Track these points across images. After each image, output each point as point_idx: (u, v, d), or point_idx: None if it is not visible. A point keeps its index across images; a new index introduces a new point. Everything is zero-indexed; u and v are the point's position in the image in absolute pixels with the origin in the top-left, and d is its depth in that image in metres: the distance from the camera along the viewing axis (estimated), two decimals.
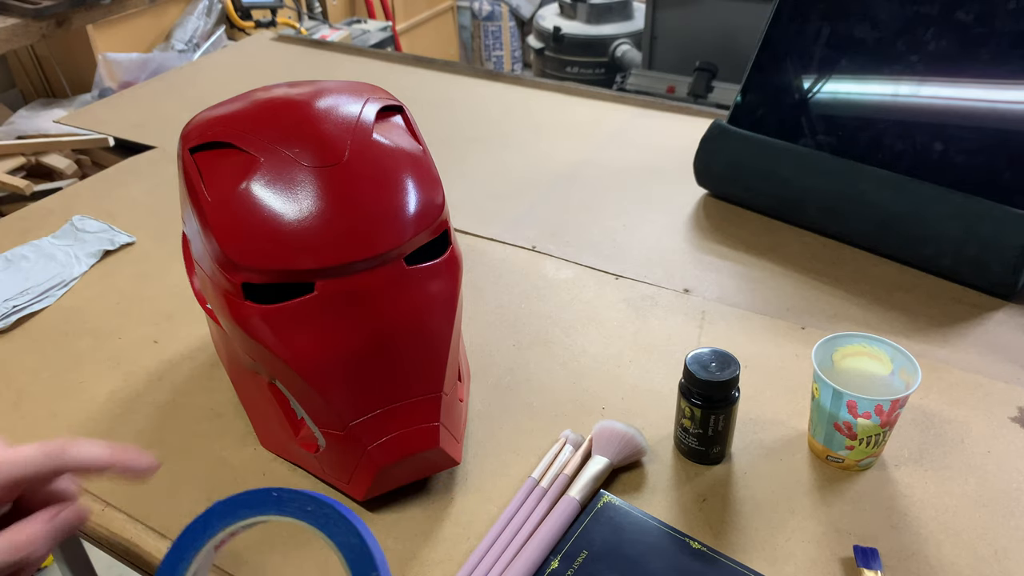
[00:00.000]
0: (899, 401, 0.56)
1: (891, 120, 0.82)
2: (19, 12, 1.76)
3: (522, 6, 3.27)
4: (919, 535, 0.56)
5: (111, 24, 2.10)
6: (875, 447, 0.60)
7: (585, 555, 0.54)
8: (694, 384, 0.59)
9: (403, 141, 0.61)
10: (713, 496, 0.60)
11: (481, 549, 0.56)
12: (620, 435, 0.62)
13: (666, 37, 2.36)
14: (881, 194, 0.81)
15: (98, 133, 1.26)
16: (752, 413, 0.66)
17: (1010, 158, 0.76)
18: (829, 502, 0.59)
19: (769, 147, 0.88)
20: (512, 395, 0.70)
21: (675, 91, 2.19)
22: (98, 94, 2.04)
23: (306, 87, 0.63)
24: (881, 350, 0.60)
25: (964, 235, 0.76)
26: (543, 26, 2.79)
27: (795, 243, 0.87)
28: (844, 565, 0.55)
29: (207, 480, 0.63)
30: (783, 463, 0.62)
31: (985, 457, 0.62)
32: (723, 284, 0.82)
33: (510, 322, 0.78)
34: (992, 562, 0.54)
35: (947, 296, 0.79)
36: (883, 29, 0.83)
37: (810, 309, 0.78)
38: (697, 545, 0.55)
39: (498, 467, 0.63)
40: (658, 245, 0.88)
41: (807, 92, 0.88)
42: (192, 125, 0.60)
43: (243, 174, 0.56)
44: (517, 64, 3.44)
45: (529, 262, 0.87)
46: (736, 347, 0.73)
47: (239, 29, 2.41)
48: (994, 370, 0.70)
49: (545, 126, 1.15)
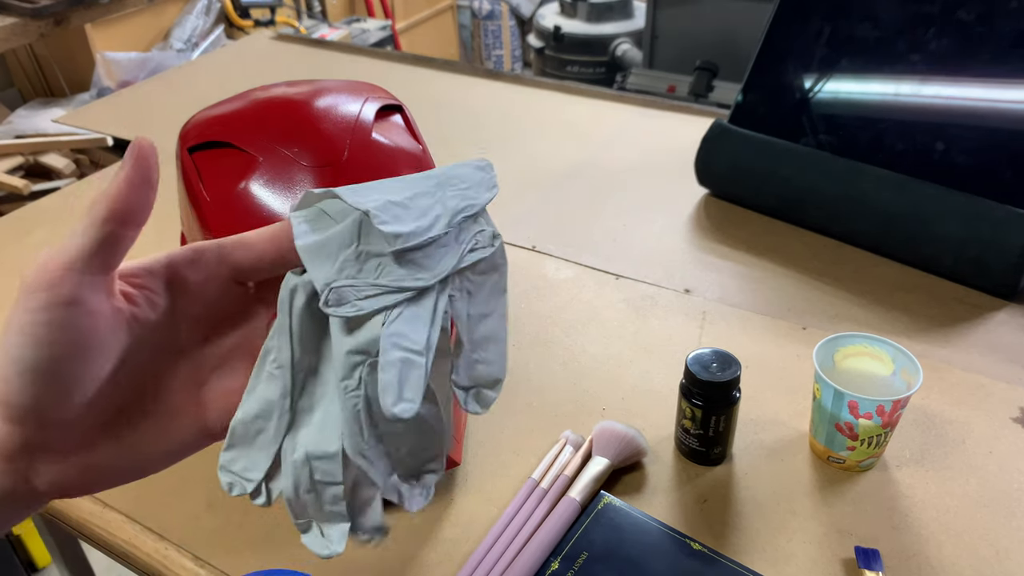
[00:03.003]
0: (900, 402, 0.56)
1: (892, 120, 0.82)
2: (17, 11, 1.76)
3: (522, 5, 3.26)
4: (920, 536, 0.56)
5: (110, 23, 2.10)
6: (876, 448, 0.59)
7: (585, 556, 0.54)
8: (695, 384, 0.59)
9: (403, 141, 0.61)
10: (714, 497, 0.60)
11: (481, 550, 0.55)
12: (620, 436, 0.61)
13: (667, 36, 2.36)
14: (882, 194, 0.80)
15: (96, 133, 1.26)
16: (753, 414, 0.66)
17: (1011, 158, 0.76)
18: (830, 503, 0.59)
19: (770, 147, 0.88)
20: (512, 395, 0.69)
21: (676, 90, 2.19)
22: (96, 93, 2.03)
23: (305, 86, 0.63)
24: (882, 350, 0.60)
25: (965, 235, 0.76)
26: (543, 25, 2.79)
27: (796, 243, 0.87)
28: (845, 566, 0.54)
29: (206, 481, 0.62)
30: (784, 464, 0.62)
31: (986, 457, 0.62)
32: (724, 284, 0.82)
33: (510, 322, 0.78)
34: (993, 563, 0.54)
35: (948, 296, 0.78)
36: (884, 29, 0.83)
37: (811, 309, 0.78)
38: (698, 546, 0.55)
39: (498, 468, 0.63)
40: (659, 245, 0.88)
41: (808, 92, 0.87)
42: (191, 125, 0.60)
43: (242, 174, 0.56)
44: (517, 63, 3.44)
45: (529, 262, 0.87)
46: (737, 347, 0.73)
47: (238, 28, 2.40)
48: (995, 370, 0.70)
49: (545, 125, 1.15)
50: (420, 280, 0.29)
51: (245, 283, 0.32)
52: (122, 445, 0.30)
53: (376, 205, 0.29)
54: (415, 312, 0.29)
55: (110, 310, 0.28)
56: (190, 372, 0.32)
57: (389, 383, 0.27)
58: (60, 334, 0.26)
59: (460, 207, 0.31)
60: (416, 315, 0.29)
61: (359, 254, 0.29)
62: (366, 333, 0.29)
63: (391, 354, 0.28)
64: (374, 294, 0.29)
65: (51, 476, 0.28)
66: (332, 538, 0.31)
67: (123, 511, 0.61)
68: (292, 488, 0.30)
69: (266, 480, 0.30)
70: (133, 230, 0.28)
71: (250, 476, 0.30)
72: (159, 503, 0.61)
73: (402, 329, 0.28)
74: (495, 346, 0.32)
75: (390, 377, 0.27)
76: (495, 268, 0.32)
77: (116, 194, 0.27)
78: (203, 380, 0.32)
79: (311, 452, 0.30)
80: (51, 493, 0.29)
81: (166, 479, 0.62)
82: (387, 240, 0.29)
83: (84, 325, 0.27)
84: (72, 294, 0.26)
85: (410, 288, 0.29)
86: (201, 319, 0.31)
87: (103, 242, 0.27)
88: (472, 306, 0.32)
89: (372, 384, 0.28)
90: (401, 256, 0.29)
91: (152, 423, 0.30)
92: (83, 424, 0.28)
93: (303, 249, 0.29)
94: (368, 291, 0.29)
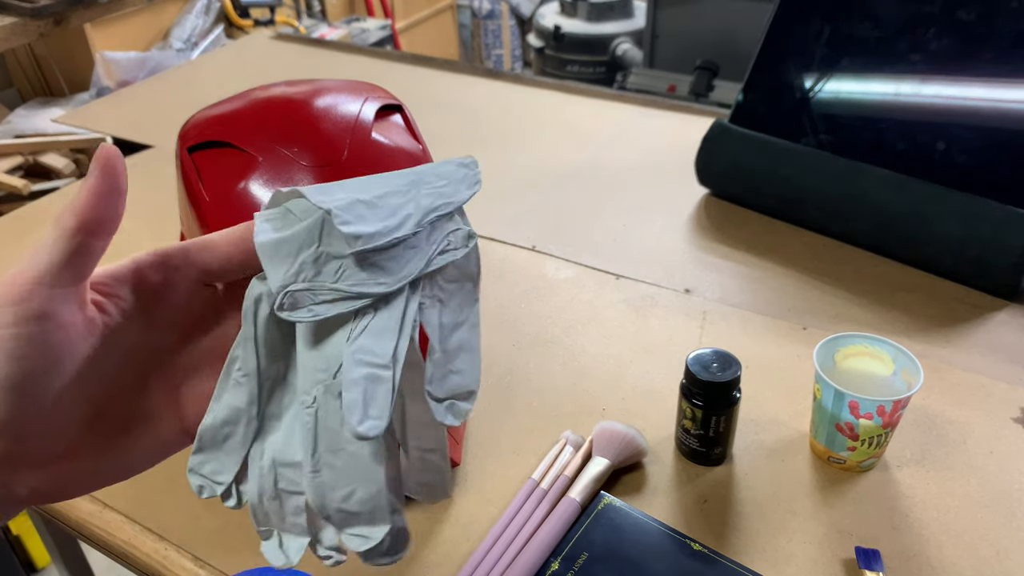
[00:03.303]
0: (901, 402, 0.56)
1: (893, 119, 0.82)
2: (17, 11, 1.76)
3: (522, 4, 3.26)
4: (921, 536, 0.56)
5: (109, 23, 2.10)
6: (877, 448, 0.59)
7: (585, 557, 0.54)
8: (695, 385, 0.59)
9: (402, 140, 0.60)
10: (714, 497, 0.60)
11: (481, 551, 0.55)
12: (621, 436, 0.61)
13: (667, 35, 2.36)
14: (883, 194, 0.80)
15: (96, 132, 1.26)
16: (753, 414, 0.66)
17: (1012, 158, 0.76)
18: (830, 503, 0.59)
19: (771, 146, 0.88)
20: (512, 395, 0.69)
21: (676, 90, 2.19)
22: (96, 93, 2.03)
23: (305, 86, 0.63)
24: (883, 350, 0.60)
25: (966, 235, 0.76)
26: (543, 24, 2.79)
27: (796, 243, 0.87)
28: (846, 566, 0.54)
29: None
30: (784, 464, 0.62)
31: (987, 458, 0.62)
32: (724, 284, 0.82)
33: (510, 322, 0.78)
34: (994, 563, 0.54)
35: (949, 296, 0.78)
36: (885, 28, 0.83)
37: (812, 309, 0.78)
38: (698, 546, 0.55)
39: (498, 468, 0.63)
40: (659, 245, 0.88)
41: (809, 91, 0.87)
42: (190, 124, 0.60)
43: (241, 174, 0.56)
44: (517, 63, 3.44)
45: (529, 262, 0.87)
46: (737, 347, 0.73)
47: (237, 28, 2.40)
48: (996, 370, 0.70)
49: (545, 125, 1.14)
50: (382, 285, 0.28)
51: (214, 285, 0.32)
52: (102, 450, 0.30)
53: (340, 204, 0.27)
54: (381, 322, 0.27)
55: (82, 321, 0.27)
56: (166, 375, 0.31)
57: (354, 402, 0.26)
58: (32, 349, 0.26)
59: (434, 205, 0.29)
60: (383, 326, 0.27)
61: (318, 256, 0.28)
62: (330, 348, 0.27)
63: (355, 372, 0.26)
64: (331, 299, 0.27)
65: (32, 483, 0.28)
66: (289, 550, 0.30)
67: (123, 511, 0.61)
68: (257, 494, 0.29)
69: (236, 483, 0.30)
70: (103, 240, 0.27)
71: (220, 479, 0.30)
72: (159, 503, 0.61)
73: (367, 344, 0.27)
74: (468, 356, 0.31)
75: (355, 396, 0.26)
76: (469, 277, 0.31)
77: (84, 205, 0.27)
78: (180, 382, 0.32)
79: (277, 459, 0.29)
80: (32, 499, 0.29)
81: (166, 480, 0.63)
82: (347, 241, 0.27)
83: (56, 339, 0.26)
84: (42, 308, 0.26)
85: (370, 294, 0.27)
86: (173, 322, 0.31)
87: (73, 254, 0.26)
88: (444, 315, 0.30)
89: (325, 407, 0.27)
90: (363, 259, 0.27)
91: (132, 426, 0.30)
92: (61, 433, 0.28)
93: (261, 249, 0.28)
94: (325, 295, 0.27)
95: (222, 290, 0.32)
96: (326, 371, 0.27)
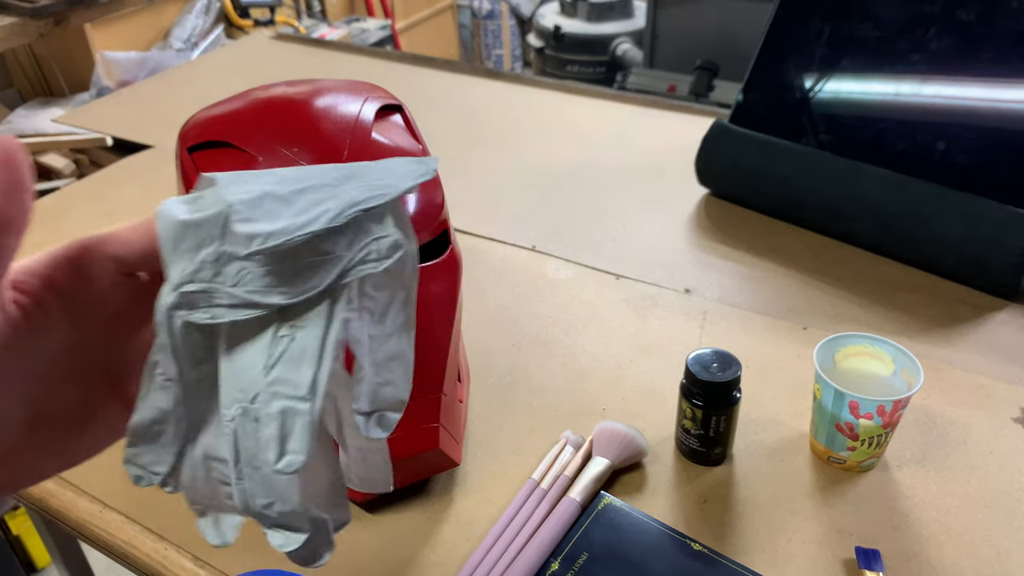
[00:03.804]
0: (901, 402, 0.56)
1: (893, 119, 0.82)
2: (17, 11, 1.76)
3: (522, 4, 3.26)
4: (921, 536, 0.56)
5: (109, 23, 2.10)
6: (877, 448, 0.59)
7: (585, 557, 0.54)
8: (695, 385, 0.59)
9: (402, 140, 0.60)
10: (714, 497, 0.60)
11: (481, 551, 0.55)
12: (621, 436, 0.61)
13: (667, 36, 2.36)
14: (883, 194, 0.80)
15: (96, 132, 1.26)
16: (753, 414, 0.66)
17: (1012, 158, 0.76)
18: (830, 503, 0.59)
19: (771, 146, 0.88)
20: (512, 395, 0.69)
21: (676, 90, 2.19)
22: (96, 93, 2.03)
23: (305, 86, 0.63)
24: (883, 350, 0.60)
25: (966, 235, 0.76)
26: (543, 25, 2.79)
27: (796, 243, 0.87)
28: (846, 566, 0.54)
29: None
30: (784, 464, 0.62)
31: (987, 458, 0.62)
32: (724, 284, 0.82)
33: (510, 322, 0.78)
34: (994, 563, 0.54)
35: (949, 296, 0.78)
36: (885, 28, 0.83)
37: (812, 309, 0.78)
38: (698, 547, 0.55)
39: (498, 468, 0.63)
40: (659, 245, 0.88)
41: (809, 91, 0.87)
42: (190, 124, 0.60)
43: None
44: (517, 63, 3.44)
45: (529, 262, 0.87)
46: (737, 347, 0.73)
47: (237, 28, 2.40)
48: (996, 371, 0.70)
49: (545, 125, 1.14)
50: (281, 296, 0.25)
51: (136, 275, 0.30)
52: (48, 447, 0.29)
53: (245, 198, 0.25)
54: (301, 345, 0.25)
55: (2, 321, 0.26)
56: (106, 367, 0.30)
57: (271, 438, 0.25)
58: None
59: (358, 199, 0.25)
60: (302, 349, 0.25)
61: (220, 255, 0.25)
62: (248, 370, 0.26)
63: (271, 406, 0.25)
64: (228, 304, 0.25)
65: None
66: (225, 528, 0.29)
67: (123, 511, 0.61)
68: (190, 482, 0.29)
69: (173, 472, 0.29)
70: (13, 238, 0.26)
71: (156, 470, 0.29)
72: (159, 503, 0.61)
73: (283, 374, 0.25)
74: (399, 364, 0.28)
75: (271, 432, 0.25)
76: (403, 286, 0.28)
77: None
78: (120, 373, 0.31)
79: (208, 453, 0.28)
80: None
81: None
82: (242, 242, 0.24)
83: None
84: None
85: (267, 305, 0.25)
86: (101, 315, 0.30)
87: None
88: (373, 326, 0.28)
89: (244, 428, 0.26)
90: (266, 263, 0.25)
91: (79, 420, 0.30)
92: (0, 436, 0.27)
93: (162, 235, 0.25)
94: (223, 300, 0.25)
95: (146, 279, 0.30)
96: (243, 392, 0.26)
